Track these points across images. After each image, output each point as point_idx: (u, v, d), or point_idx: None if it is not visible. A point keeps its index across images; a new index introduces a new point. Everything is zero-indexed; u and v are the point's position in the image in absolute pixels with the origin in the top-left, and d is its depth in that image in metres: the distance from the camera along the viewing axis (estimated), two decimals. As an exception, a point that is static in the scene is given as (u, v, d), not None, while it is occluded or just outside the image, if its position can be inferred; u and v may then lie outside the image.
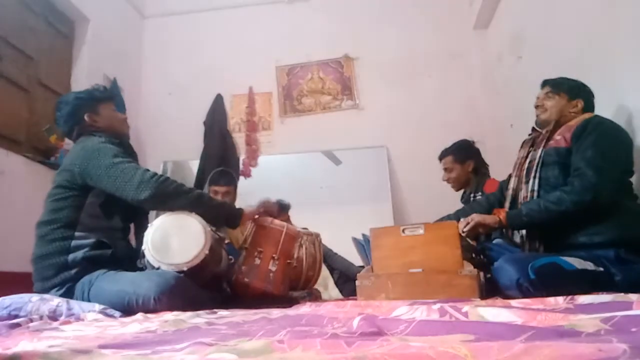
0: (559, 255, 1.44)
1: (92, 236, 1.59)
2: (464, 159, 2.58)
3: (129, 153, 1.75)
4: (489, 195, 2.10)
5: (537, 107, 1.81)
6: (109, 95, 1.88)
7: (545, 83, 1.82)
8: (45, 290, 1.56)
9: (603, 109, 1.77)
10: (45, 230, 1.60)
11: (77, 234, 1.59)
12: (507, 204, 1.81)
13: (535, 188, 1.66)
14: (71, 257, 1.55)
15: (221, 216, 1.72)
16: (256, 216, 1.84)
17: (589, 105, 1.75)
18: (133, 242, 1.83)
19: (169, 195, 1.58)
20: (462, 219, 1.79)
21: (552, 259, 1.41)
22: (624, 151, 1.59)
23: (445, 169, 2.62)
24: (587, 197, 1.50)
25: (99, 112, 1.78)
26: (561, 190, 1.56)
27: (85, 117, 1.75)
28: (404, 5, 4.10)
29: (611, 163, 1.54)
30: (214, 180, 2.56)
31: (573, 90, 1.75)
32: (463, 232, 1.72)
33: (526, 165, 1.76)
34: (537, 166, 1.69)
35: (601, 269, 1.41)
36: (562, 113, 1.74)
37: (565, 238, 1.57)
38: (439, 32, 4.00)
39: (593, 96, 1.77)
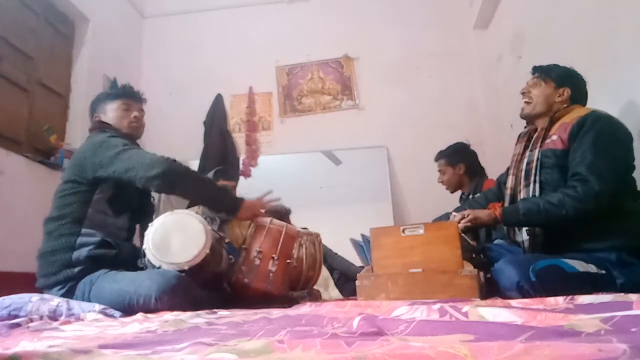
0: (561, 257, 1.41)
1: (98, 234, 1.59)
2: (456, 162, 2.62)
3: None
4: (487, 193, 2.07)
5: (523, 93, 1.76)
6: (115, 94, 1.88)
7: (535, 69, 1.78)
8: (48, 287, 1.56)
9: (603, 108, 1.77)
10: (53, 226, 1.61)
11: (83, 230, 1.59)
12: (506, 205, 1.77)
13: (537, 194, 1.60)
14: (75, 254, 1.56)
15: (225, 201, 1.75)
16: (262, 211, 1.84)
17: (579, 94, 1.70)
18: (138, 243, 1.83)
19: (179, 175, 1.61)
20: (457, 212, 1.77)
21: (553, 261, 1.38)
22: (624, 148, 1.54)
23: (439, 171, 2.67)
24: (589, 205, 1.46)
25: (105, 111, 1.83)
26: (563, 192, 1.50)
27: (95, 116, 1.85)
28: (404, 5, 4.10)
29: (612, 167, 1.50)
30: (221, 174, 2.57)
31: (561, 78, 1.70)
32: (460, 227, 1.68)
33: (524, 167, 1.71)
34: (535, 169, 1.63)
35: (603, 271, 1.38)
36: (547, 103, 1.70)
37: (568, 243, 1.52)
38: (439, 32, 4.00)
39: (584, 84, 1.72)
